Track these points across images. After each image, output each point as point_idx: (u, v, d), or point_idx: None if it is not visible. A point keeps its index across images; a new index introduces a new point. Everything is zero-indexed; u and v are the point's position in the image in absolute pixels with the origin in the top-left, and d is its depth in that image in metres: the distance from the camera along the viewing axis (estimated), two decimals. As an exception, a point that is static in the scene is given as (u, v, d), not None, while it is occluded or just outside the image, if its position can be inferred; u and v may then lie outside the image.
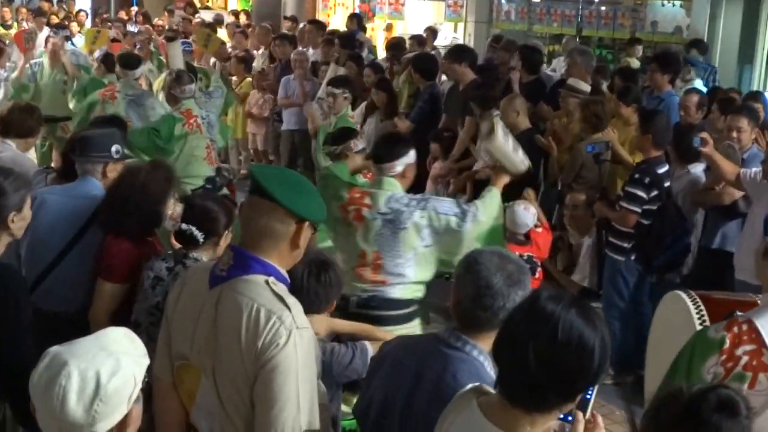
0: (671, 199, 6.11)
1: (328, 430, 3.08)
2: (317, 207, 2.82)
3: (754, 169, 5.64)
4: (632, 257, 6.11)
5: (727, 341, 3.00)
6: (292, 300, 2.72)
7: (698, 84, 8.94)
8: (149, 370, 2.26)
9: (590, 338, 2.15)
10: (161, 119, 7.44)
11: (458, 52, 8.87)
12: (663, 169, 6.00)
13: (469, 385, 2.45)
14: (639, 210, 5.95)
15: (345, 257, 4.70)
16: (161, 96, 8.59)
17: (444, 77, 9.60)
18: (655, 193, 5.96)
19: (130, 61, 8.65)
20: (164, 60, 10.57)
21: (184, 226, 3.96)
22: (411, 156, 4.73)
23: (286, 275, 2.82)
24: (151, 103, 8.26)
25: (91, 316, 4.13)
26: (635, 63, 10.24)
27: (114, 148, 4.51)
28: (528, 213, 5.99)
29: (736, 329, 3.01)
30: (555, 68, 11.31)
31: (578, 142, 7.16)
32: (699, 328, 3.33)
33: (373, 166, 4.84)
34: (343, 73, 9.35)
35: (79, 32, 14.63)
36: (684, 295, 3.60)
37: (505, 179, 4.87)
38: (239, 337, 2.65)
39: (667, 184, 6.07)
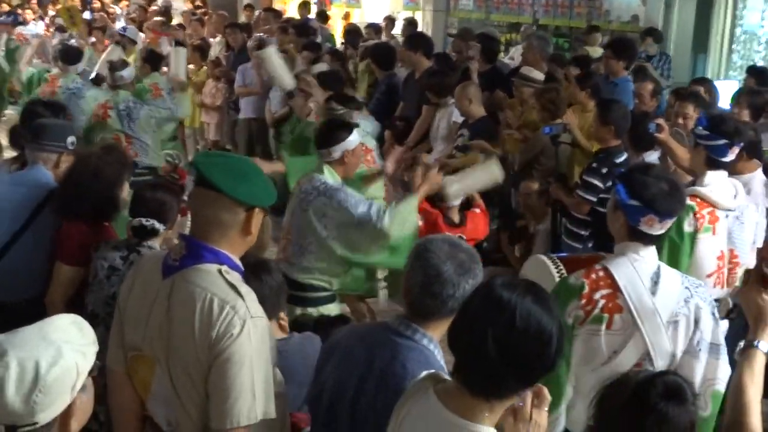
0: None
1: (285, 418, 3.07)
2: (264, 192, 2.78)
3: None
4: (589, 245, 6.15)
5: (586, 287, 3.31)
6: (245, 289, 2.71)
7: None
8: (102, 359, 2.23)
9: (548, 324, 2.17)
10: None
11: (414, 40, 8.91)
12: (621, 158, 6.01)
13: (424, 373, 2.45)
14: (594, 199, 5.98)
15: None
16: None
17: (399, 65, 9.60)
18: (611, 182, 5.99)
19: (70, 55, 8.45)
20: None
21: (144, 220, 3.95)
22: (350, 142, 4.77)
23: (239, 263, 2.81)
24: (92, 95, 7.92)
25: (47, 300, 4.11)
26: (597, 51, 10.20)
27: (70, 139, 4.47)
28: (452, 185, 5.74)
29: (593, 276, 3.33)
30: (513, 56, 11.34)
31: (534, 131, 7.18)
32: (557, 278, 3.58)
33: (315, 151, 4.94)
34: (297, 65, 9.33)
35: (33, 20, 14.48)
36: (544, 257, 3.88)
37: (427, 189, 4.87)
38: (193, 328, 2.63)
39: (624, 173, 6.09)
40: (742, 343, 2.71)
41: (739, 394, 2.57)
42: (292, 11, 17.21)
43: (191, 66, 11.06)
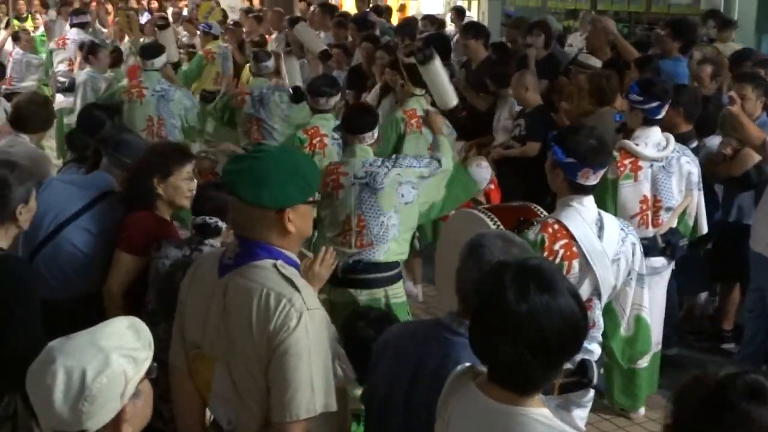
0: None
1: (347, 413, 3.07)
2: (290, 192, 2.73)
3: None
4: None
5: (546, 240, 3.81)
6: (301, 282, 2.72)
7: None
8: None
9: (571, 309, 2.16)
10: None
11: (474, 29, 8.87)
12: (693, 145, 5.89)
13: (459, 367, 2.43)
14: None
15: (330, 227, 5.04)
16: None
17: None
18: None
19: (151, 50, 8.04)
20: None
21: (208, 218, 4.00)
22: (377, 126, 5.22)
23: (295, 258, 2.82)
24: (179, 98, 7.80)
25: (105, 288, 4.16)
26: (731, 47, 9.40)
27: None
28: (482, 169, 6.10)
29: (550, 230, 3.82)
30: (571, 43, 11.21)
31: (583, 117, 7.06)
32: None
33: (346, 136, 5.25)
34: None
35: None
36: (476, 211, 4.10)
37: (439, 121, 5.63)
38: (250, 323, 2.65)
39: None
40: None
41: None
42: (347, 6, 17.24)
43: (249, 63, 11.15)
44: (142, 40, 10.87)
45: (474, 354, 2.27)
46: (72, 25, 11.21)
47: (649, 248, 4.90)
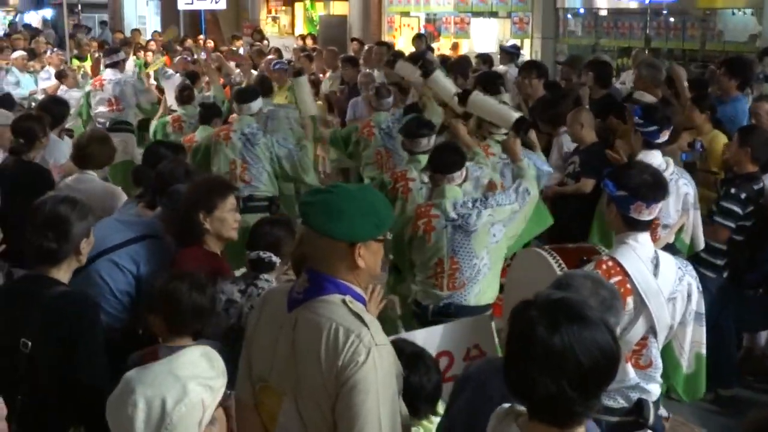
0: (765, 213, 6.00)
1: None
2: (365, 226, 2.77)
3: None
4: (724, 274, 6.02)
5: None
6: (369, 317, 2.75)
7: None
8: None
9: (606, 341, 2.16)
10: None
11: (532, 68, 8.90)
12: (759, 185, 5.91)
13: (500, 408, 2.43)
14: (733, 226, 5.87)
15: (421, 269, 5.01)
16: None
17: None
18: (750, 209, 5.88)
19: (246, 95, 7.74)
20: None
21: (262, 253, 4.09)
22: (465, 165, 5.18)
23: (363, 293, 2.86)
24: (265, 142, 7.38)
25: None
26: None
27: None
28: None
29: (604, 266, 3.79)
30: (624, 81, 11.19)
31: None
32: (559, 273, 3.77)
33: (435, 177, 5.13)
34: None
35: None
36: (540, 250, 4.12)
37: (517, 147, 5.44)
38: (319, 357, 2.67)
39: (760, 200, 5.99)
40: None
41: None
42: (400, 44, 17.39)
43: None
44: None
45: (511, 394, 2.27)
46: (106, 66, 11.18)
47: None
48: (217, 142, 7.49)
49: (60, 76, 12.52)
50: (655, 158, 5.45)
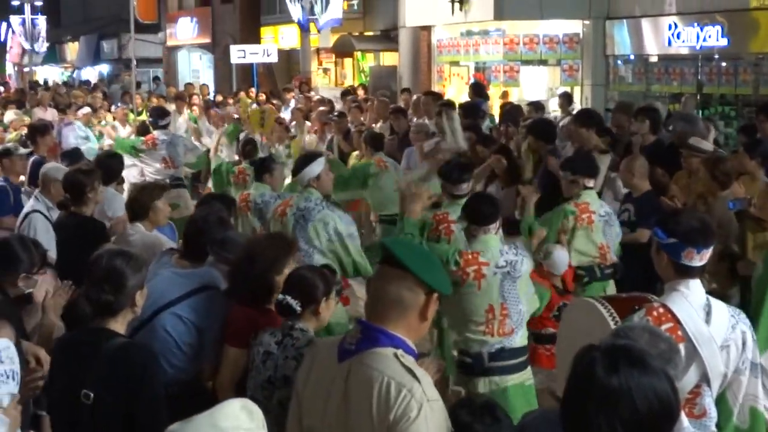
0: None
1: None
2: (445, 279, 2.88)
3: None
4: None
5: (651, 323, 3.66)
6: (420, 372, 2.74)
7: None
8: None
9: (664, 389, 2.16)
10: None
11: (586, 117, 8.85)
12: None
13: None
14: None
15: (470, 316, 5.04)
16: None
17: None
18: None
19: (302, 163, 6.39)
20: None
21: (280, 296, 4.09)
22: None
23: (414, 347, 2.85)
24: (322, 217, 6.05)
25: (217, 382, 4.29)
26: None
27: None
28: (564, 253, 6.21)
29: (655, 313, 3.70)
30: (674, 127, 11.13)
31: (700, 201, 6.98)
32: (613, 325, 3.75)
33: (471, 228, 5.22)
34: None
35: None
36: (592, 300, 4.06)
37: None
38: (370, 411, 2.68)
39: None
40: None
41: None
42: (450, 93, 17.50)
43: (355, 152, 11.38)
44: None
45: None
46: (155, 128, 11.20)
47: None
48: (274, 217, 6.49)
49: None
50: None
